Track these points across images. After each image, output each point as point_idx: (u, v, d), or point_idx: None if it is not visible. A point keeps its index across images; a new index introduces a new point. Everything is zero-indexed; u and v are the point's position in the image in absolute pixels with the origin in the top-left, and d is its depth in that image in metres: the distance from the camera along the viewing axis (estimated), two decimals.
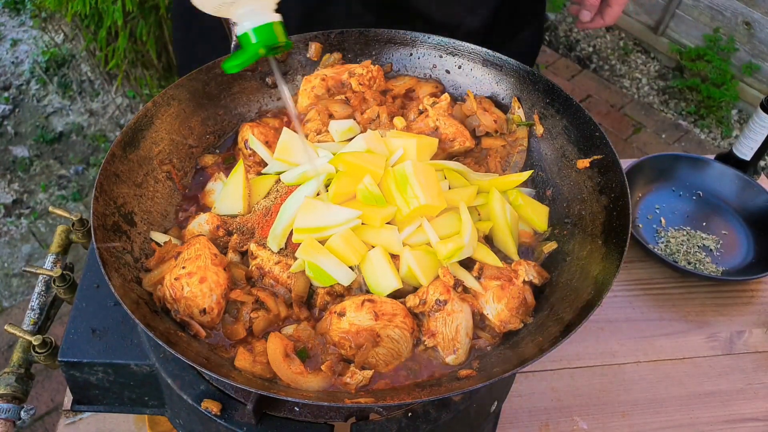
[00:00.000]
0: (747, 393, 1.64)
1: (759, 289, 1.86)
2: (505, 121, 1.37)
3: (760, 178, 2.09)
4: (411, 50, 1.44)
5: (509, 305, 1.09)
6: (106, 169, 1.14)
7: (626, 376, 1.65)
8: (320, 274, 1.09)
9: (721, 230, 1.94)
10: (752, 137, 1.96)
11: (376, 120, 1.34)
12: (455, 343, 1.06)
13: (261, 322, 1.07)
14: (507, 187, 1.25)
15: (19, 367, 1.18)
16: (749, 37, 4.10)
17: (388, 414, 1.06)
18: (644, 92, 4.43)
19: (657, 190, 2.02)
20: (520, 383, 1.61)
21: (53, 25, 4.44)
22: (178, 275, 1.06)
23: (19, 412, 1.14)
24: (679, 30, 4.41)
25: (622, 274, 1.84)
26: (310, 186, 1.17)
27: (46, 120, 4.00)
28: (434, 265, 1.11)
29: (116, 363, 1.11)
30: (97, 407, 1.19)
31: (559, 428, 1.55)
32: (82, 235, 1.35)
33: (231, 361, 1.03)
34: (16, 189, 3.63)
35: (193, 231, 1.18)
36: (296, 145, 1.25)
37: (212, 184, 1.28)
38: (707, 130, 4.21)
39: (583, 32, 4.80)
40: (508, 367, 0.97)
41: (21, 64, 4.29)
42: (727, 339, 1.74)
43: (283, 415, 1.06)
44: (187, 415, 1.11)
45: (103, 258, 1.03)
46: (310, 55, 1.43)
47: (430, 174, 1.15)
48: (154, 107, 1.25)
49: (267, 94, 1.43)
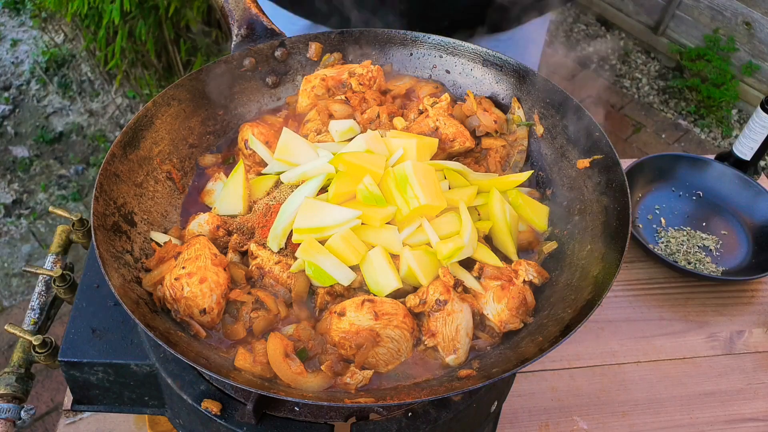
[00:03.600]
0: (747, 393, 1.64)
1: (759, 289, 1.86)
2: (505, 121, 1.37)
3: (760, 178, 2.08)
4: (411, 50, 1.44)
5: (509, 305, 1.09)
6: (106, 169, 1.14)
7: (626, 376, 1.65)
8: (320, 274, 1.09)
9: (721, 230, 1.94)
10: (752, 137, 1.96)
11: (376, 120, 1.34)
12: (455, 343, 1.06)
13: (261, 322, 1.07)
14: (507, 187, 1.25)
15: (19, 367, 1.18)
16: (749, 37, 4.10)
17: (388, 414, 1.06)
18: (644, 92, 4.43)
19: (657, 190, 2.02)
20: (520, 383, 1.61)
21: (53, 25, 4.44)
22: (178, 275, 1.06)
23: (19, 412, 1.14)
24: (679, 30, 4.41)
25: (622, 274, 1.84)
26: (310, 186, 1.17)
27: (46, 120, 4.00)
28: (434, 265, 1.11)
29: (116, 363, 1.11)
30: (97, 407, 1.19)
31: (559, 428, 1.55)
32: (82, 235, 1.35)
33: (231, 361, 1.03)
34: (16, 189, 3.63)
35: (193, 231, 1.18)
36: (296, 145, 1.25)
37: (212, 184, 1.28)
38: (707, 130, 4.22)
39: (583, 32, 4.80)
40: (508, 367, 0.97)
41: (21, 64, 4.29)
42: (727, 339, 1.74)
43: (283, 415, 1.06)
44: (187, 415, 1.11)
45: (103, 258, 1.03)
46: (310, 55, 1.43)
47: (430, 174, 1.15)
48: (154, 107, 1.25)
49: (267, 94, 1.43)
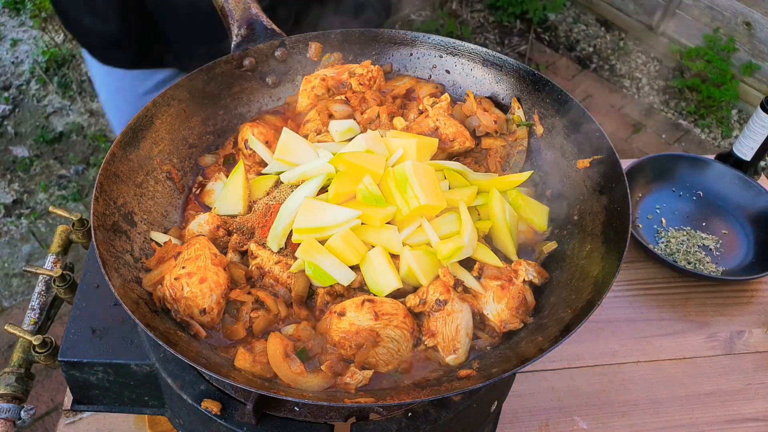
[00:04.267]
0: (747, 393, 1.64)
1: (759, 289, 1.85)
2: (505, 121, 1.37)
3: (760, 178, 2.08)
4: (411, 50, 1.44)
5: (509, 305, 1.09)
6: (106, 169, 1.14)
7: (626, 376, 1.65)
8: (320, 274, 1.09)
9: (721, 230, 1.94)
10: (752, 137, 1.96)
11: (376, 120, 1.34)
12: (455, 343, 1.06)
13: (261, 322, 1.07)
14: (507, 187, 1.25)
15: (19, 367, 1.18)
16: (749, 37, 4.10)
17: (388, 414, 1.06)
18: (644, 92, 4.43)
19: (657, 190, 2.02)
20: (520, 383, 1.61)
21: (53, 25, 4.44)
22: (178, 275, 1.06)
23: (19, 412, 1.14)
24: (679, 30, 4.41)
25: (622, 274, 1.84)
26: (309, 186, 1.17)
27: (46, 120, 4.00)
28: (434, 265, 1.11)
29: (116, 363, 1.11)
30: (97, 407, 1.19)
31: (559, 428, 1.55)
32: (82, 235, 1.35)
33: (231, 361, 1.03)
34: (16, 189, 3.63)
35: (193, 231, 1.18)
36: (296, 144, 1.25)
37: (212, 184, 1.28)
38: (707, 130, 4.21)
39: (583, 32, 4.80)
40: (508, 367, 0.97)
41: (21, 64, 4.29)
42: (727, 339, 1.74)
43: (283, 415, 1.06)
44: (187, 415, 1.11)
45: (103, 258, 1.03)
46: (310, 55, 1.43)
47: (430, 174, 1.15)
48: (154, 107, 1.25)
49: (267, 94, 1.43)
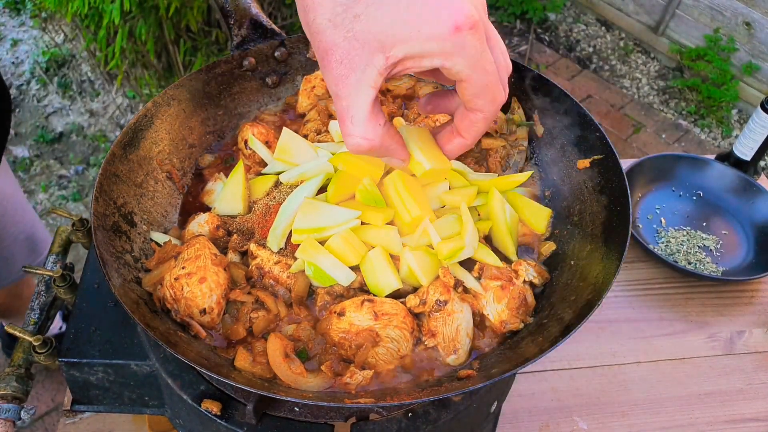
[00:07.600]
0: (747, 393, 1.64)
1: (759, 289, 1.86)
2: (505, 121, 1.37)
3: (760, 178, 2.08)
4: None
5: (509, 305, 1.09)
6: (106, 169, 1.14)
7: (626, 376, 1.65)
8: (320, 274, 1.09)
9: (721, 230, 1.94)
10: (752, 137, 1.96)
11: None
12: (455, 343, 1.06)
13: (261, 322, 1.07)
14: (507, 187, 1.25)
15: (19, 367, 1.18)
16: (749, 37, 4.10)
17: (388, 414, 1.06)
18: (644, 92, 4.43)
19: (657, 190, 2.02)
20: (520, 383, 1.61)
21: (53, 25, 4.44)
22: (177, 275, 1.06)
23: (19, 412, 1.14)
24: (679, 30, 4.41)
25: (622, 274, 1.84)
26: (309, 186, 1.17)
27: (46, 120, 4.00)
28: (434, 265, 1.11)
29: (116, 363, 1.12)
30: (97, 407, 1.20)
31: (559, 428, 1.55)
32: (82, 235, 1.35)
33: (231, 361, 1.03)
34: None
35: (193, 231, 1.18)
36: (296, 145, 1.25)
37: (212, 184, 1.28)
38: (707, 130, 4.22)
39: (583, 32, 4.80)
40: (508, 367, 0.97)
41: (21, 64, 4.29)
42: (727, 339, 1.74)
43: (283, 415, 1.06)
44: (187, 415, 1.11)
45: (103, 258, 1.03)
46: (311, 55, 1.43)
47: (424, 134, 1.05)
48: (154, 107, 1.25)
49: (267, 94, 1.43)
